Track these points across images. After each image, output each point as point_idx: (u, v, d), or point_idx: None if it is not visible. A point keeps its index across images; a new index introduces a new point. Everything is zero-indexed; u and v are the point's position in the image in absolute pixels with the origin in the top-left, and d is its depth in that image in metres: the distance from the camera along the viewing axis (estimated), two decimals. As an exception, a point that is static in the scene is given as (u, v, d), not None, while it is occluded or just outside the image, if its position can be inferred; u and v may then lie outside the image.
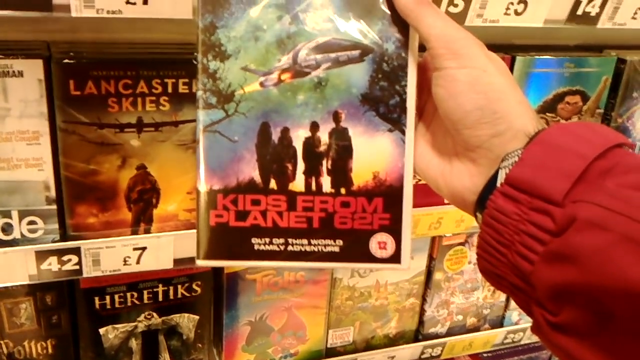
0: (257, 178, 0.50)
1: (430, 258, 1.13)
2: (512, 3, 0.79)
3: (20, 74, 0.69)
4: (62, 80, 0.71)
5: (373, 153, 0.50)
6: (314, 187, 0.51)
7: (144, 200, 0.81)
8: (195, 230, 0.85)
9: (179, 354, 1.01)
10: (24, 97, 0.70)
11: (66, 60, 0.70)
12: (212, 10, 0.49)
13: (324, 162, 0.50)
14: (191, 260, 0.87)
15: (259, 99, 0.49)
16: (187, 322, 0.99)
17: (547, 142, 0.43)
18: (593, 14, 0.85)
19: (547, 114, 1.00)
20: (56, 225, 0.78)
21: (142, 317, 0.95)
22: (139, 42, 0.79)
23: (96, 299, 0.91)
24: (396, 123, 0.50)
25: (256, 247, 0.50)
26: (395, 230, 0.51)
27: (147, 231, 0.83)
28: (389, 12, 0.50)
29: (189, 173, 0.82)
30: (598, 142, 0.42)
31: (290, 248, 0.51)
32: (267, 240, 0.50)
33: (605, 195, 0.40)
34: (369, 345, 1.17)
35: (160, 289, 0.94)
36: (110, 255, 0.81)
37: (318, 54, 0.49)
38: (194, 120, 0.78)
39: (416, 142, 0.52)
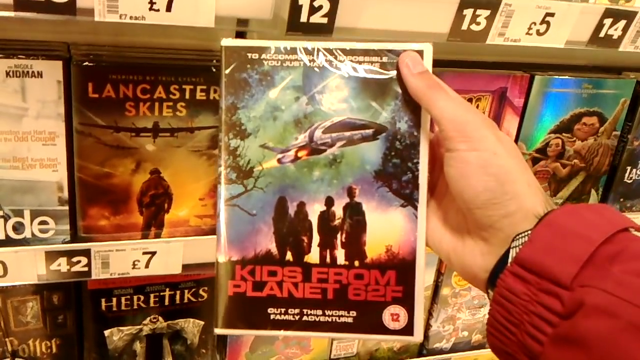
0: (274, 250, 0.52)
1: (439, 273, 1.12)
2: (534, 23, 0.78)
3: (40, 74, 0.69)
4: (80, 82, 0.71)
5: (386, 227, 0.52)
6: (328, 259, 0.52)
7: (155, 205, 0.81)
8: (207, 237, 0.85)
9: (183, 358, 1.01)
10: (42, 98, 0.70)
11: (86, 63, 0.70)
12: (233, 92, 0.52)
13: (339, 235, 0.52)
14: (200, 266, 0.88)
15: (277, 175, 0.52)
16: (192, 327, 0.99)
17: (555, 225, 0.44)
18: (615, 37, 0.84)
19: (564, 134, 0.99)
20: (67, 226, 0.78)
21: (147, 321, 0.95)
22: (159, 47, 0.79)
23: (103, 300, 0.90)
24: (409, 199, 0.52)
25: (272, 316, 0.52)
26: (407, 302, 0.52)
27: (158, 236, 0.83)
28: (401, 93, 0.52)
29: (203, 179, 0.81)
30: (605, 226, 0.44)
31: (305, 318, 0.52)
32: (283, 310, 0.52)
33: (612, 282, 0.41)
34: (372, 358, 1.17)
35: (167, 293, 0.94)
36: (120, 258, 0.81)
37: (333, 132, 0.52)
38: (209, 127, 0.79)
39: (428, 217, 0.53)
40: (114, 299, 0.91)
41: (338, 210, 0.52)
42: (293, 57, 0.52)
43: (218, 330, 0.53)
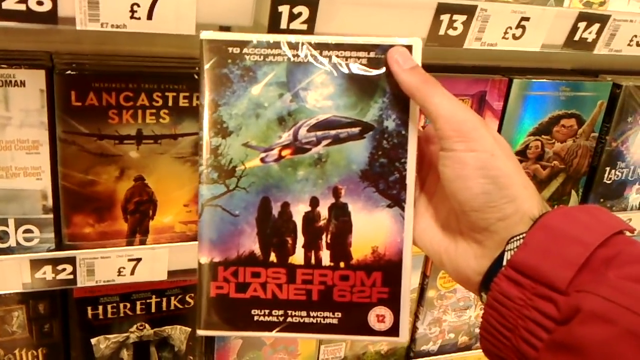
0: (258, 251, 0.51)
1: (424, 276, 1.13)
2: (510, 27, 0.80)
3: (23, 83, 0.69)
4: (63, 91, 0.71)
5: (372, 228, 0.51)
6: (313, 260, 0.52)
7: (140, 212, 0.81)
8: (192, 243, 0.85)
9: (170, 365, 1.01)
10: (25, 107, 0.71)
11: (68, 72, 0.71)
12: (214, 89, 0.50)
13: (324, 236, 0.51)
14: (185, 272, 0.88)
15: (260, 175, 0.50)
16: (179, 334, 0.99)
17: (549, 228, 0.44)
18: (590, 40, 0.86)
19: (543, 136, 1.01)
20: (52, 235, 0.78)
21: (134, 328, 0.95)
22: (141, 55, 0.80)
23: (89, 308, 0.90)
24: (396, 199, 0.51)
25: (256, 318, 0.52)
26: (393, 303, 0.52)
27: (143, 242, 0.83)
28: (389, 90, 0.50)
29: (187, 186, 0.82)
30: (600, 229, 0.43)
31: (289, 319, 0.52)
32: (267, 311, 0.52)
33: (609, 287, 0.40)
34: (360, 362, 1.17)
35: (154, 300, 0.94)
36: (105, 265, 0.81)
37: (318, 131, 0.50)
38: (193, 134, 0.79)
39: (418, 215, 0.52)
40: (100, 307, 0.91)
41: (323, 210, 0.51)
42: (276, 51, 0.50)
43: (200, 332, 0.52)
